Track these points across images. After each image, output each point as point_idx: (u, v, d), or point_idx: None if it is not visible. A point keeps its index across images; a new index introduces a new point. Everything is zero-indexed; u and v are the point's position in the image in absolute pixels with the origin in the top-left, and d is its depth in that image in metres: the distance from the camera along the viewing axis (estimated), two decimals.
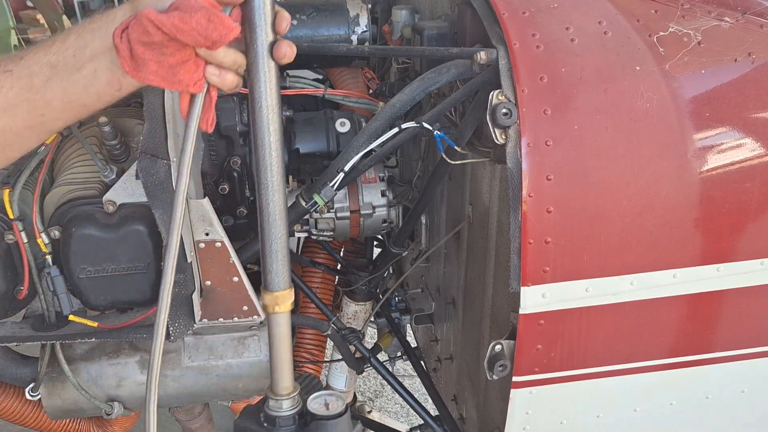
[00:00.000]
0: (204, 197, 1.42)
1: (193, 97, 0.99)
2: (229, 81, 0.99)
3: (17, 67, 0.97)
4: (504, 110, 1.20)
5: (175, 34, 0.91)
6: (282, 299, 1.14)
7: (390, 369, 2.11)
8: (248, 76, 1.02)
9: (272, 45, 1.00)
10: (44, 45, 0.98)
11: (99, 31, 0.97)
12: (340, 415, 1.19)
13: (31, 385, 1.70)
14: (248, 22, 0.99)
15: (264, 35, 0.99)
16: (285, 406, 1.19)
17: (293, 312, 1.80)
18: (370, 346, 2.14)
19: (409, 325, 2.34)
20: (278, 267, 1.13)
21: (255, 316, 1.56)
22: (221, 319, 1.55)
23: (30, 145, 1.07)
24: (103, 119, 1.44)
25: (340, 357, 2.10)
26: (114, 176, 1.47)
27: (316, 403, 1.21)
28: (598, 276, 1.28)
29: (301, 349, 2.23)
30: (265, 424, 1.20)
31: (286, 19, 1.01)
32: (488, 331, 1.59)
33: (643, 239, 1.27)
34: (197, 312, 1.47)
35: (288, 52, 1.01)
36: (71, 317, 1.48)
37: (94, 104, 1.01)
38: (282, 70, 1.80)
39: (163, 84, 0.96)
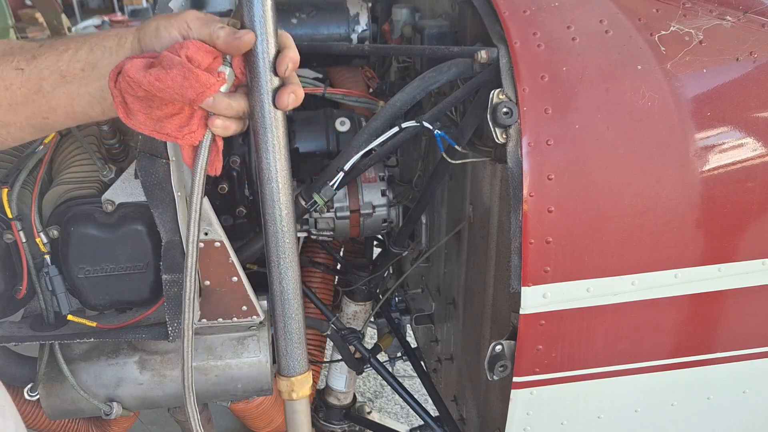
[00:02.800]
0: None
1: (197, 147, 0.97)
2: (232, 130, 0.97)
3: (29, 67, 0.97)
4: (505, 109, 1.19)
5: (154, 92, 0.90)
6: (300, 384, 1.08)
7: (390, 369, 2.11)
8: (252, 126, 0.98)
9: (276, 91, 0.96)
10: (57, 49, 0.97)
11: (109, 52, 0.96)
12: None
13: (30, 385, 1.70)
14: (249, 67, 0.95)
15: (266, 82, 0.95)
16: None
17: None
18: (370, 347, 2.14)
19: (409, 325, 2.34)
20: (294, 349, 1.07)
21: (254, 317, 1.56)
22: (220, 319, 1.55)
23: (29, 139, 1.07)
24: None
25: (339, 357, 2.09)
26: (113, 175, 1.47)
27: None
28: (600, 276, 1.27)
29: None
30: None
31: (289, 60, 0.96)
32: (489, 332, 1.58)
33: (644, 239, 1.27)
34: (196, 312, 1.46)
35: (292, 100, 0.97)
36: (70, 317, 1.48)
37: (98, 117, 1.01)
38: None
39: (153, 135, 0.96)
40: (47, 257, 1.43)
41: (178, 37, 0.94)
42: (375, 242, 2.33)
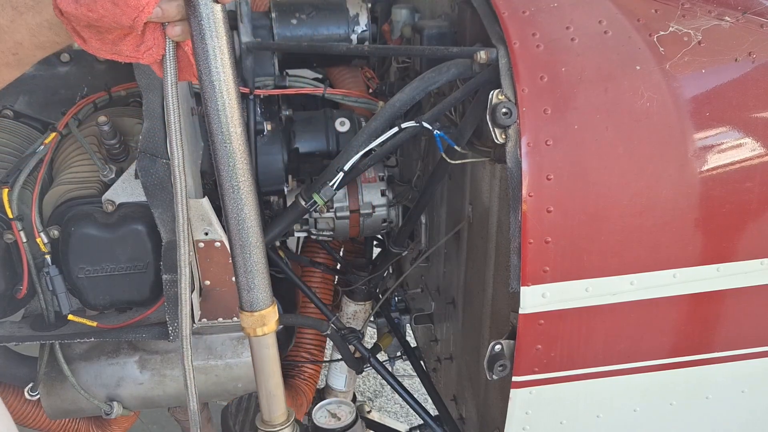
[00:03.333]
0: (203, 197, 1.42)
1: (162, 60, 0.90)
2: (187, 32, 0.90)
3: None
4: (504, 110, 1.19)
5: (90, 22, 0.85)
6: (268, 318, 1.02)
7: (389, 369, 2.11)
8: (191, 30, 0.88)
9: None
10: None
11: None
12: (352, 424, 1.09)
13: (30, 385, 1.70)
14: None
15: None
16: None
17: (293, 312, 1.79)
18: (369, 346, 2.14)
19: (408, 325, 2.34)
20: (259, 282, 1.00)
21: None
22: (220, 319, 1.55)
23: (10, 79, 1.02)
24: (102, 119, 1.44)
25: (339, 357, 2.09)
26: (113, 176, 1.47)
27: (321, 416, 1.10)
28: (598, 276, 1.27)
29: (301, 349, 2.23)
30: None
31: None
32: (488, 331, 1.59)
33: (643, 239, 1.27)
34: (196, 312, 1.47)
35: None
36: (70, 317, 1.48)
37: (66, 41, 0.95)
38: (281, 69, 1.80)
39: (114, 58, 0.90)
40: (48, 257, 1.44)
41: None
42: (375, 242, 2.33)
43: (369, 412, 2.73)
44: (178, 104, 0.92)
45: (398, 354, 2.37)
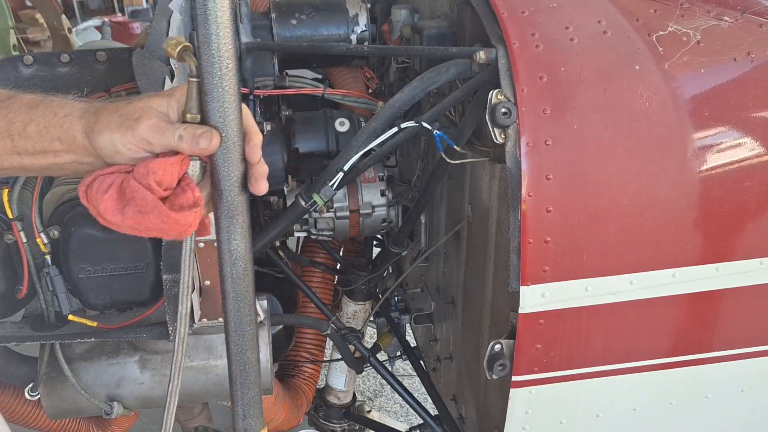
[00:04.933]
0: None
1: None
2: (207, 210, 0.98)
3: None
4: (503, 110, 1.20)
5: (133, 232, 0.91)
6: None
7: (389, 368, 2.11)
8: (218, 214, 0.96)
9: (243, 177, 0.94)
10: (5, 117, 0.93)
11: (59, 142, 0.93)
12: None
13: (31, 385, 1.70)
14: (214, 159, 0.92)
15: (235, 170, 0.93)
16: None
17: (292, 312, 1.78)
18: (369, 346, 2.14)
19: (408, 324, 2.34)
20: (254, 411, 1.07)
21: None
22: (220, 319, 1.55)
23: None
24: None
25: (339, 357, 2.10)
26: None
27: None
28: (598, 275, 1.28)
29: (301, 348, 2.24)
30: None
31: (258, 147, 0.94)
32: (488, 331, 1.59)
33: (642, 239, 1.27)
34: (196, 311, 1.47)
35: (263, 186, 0.95)
36: (70, 317, 1.48)
37: (59, 174, 1.01)
38: (281, 69, 1.81)
39: (135, 234, 0.94)
40: (48, 257, 1.44)
41: (140, 153, 0.91)
42: (375, 242, 2.34)
43: (369, 411, 2.74)
44: (191, 269, 1.02)
45: (398, 354, 2.37)
